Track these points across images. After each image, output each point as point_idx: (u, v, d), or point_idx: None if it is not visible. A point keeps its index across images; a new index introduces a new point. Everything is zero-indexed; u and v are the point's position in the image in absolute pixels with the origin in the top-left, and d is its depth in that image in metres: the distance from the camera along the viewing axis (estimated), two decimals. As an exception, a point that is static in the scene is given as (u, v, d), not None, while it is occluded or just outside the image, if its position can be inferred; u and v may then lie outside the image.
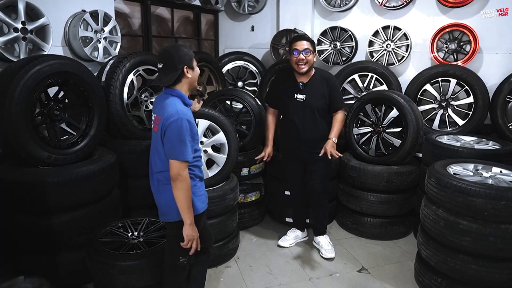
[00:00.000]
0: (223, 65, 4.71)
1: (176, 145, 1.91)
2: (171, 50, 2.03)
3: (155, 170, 2.09)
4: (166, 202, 2.07)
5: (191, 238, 2.04)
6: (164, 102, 1.99)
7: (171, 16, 4.62)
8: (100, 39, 3.35)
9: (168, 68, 1.98)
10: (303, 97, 2.96)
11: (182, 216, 2.00)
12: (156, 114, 2.02)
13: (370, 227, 3.48)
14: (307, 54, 2.88)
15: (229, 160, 3.01)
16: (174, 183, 1.94)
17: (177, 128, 1.90)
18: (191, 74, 2.04)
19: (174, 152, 1.92)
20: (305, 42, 2.89)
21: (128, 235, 2.66)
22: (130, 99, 3.23)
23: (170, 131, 1.90)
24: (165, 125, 1.91)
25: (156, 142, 2.03)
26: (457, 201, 2.34)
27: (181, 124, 1.90)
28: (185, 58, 1.99)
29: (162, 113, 1.96)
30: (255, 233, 3.61)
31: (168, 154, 1.94)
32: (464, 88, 3.76)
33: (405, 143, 3.27)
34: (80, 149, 2.79)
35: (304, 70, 2.90)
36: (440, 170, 2.55)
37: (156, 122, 2.00)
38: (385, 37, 4.23)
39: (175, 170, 1.92)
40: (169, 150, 1.93)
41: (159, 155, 2.03)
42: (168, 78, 1.99)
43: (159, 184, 2.09)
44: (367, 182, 3.34)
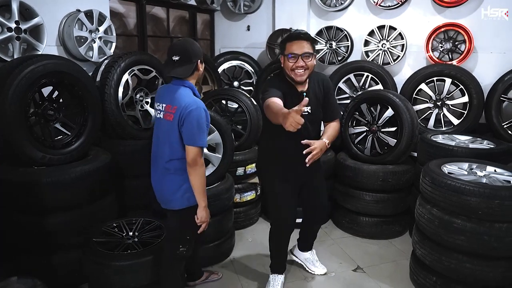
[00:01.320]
0: (219, 65, 4.71)
1: (195, 132, 2.03)
2: (187, 44, 2.14)
3: (164, 159, 2.15)
4: (172, 190, 2.16)
5: (204, 220, 2.17)
6: (177, 93, 2.09)
7: (167, 15, 4.61)
8: (95, 38, 3.34)
9: (184, 61, 2.08)
10: (308, 109, 2.34)
11: (198, 199, 2.13)
12: (169, 104, 2.10)
13: (366, 226, 3.49)
14: (308, 58, 2.22)
15: (225, 160, 3.01)
16: (191, 168, 2.06)
17: (197, 116, 2.02)
18: (201, 68, 2.18)
19: (194, 139, 2.03)
20: (305, 43, 2.22)
21: (123, 235, 2.65)
22: (125, 99, 3.22)
23: (189, 119, 2.01)
24: (184, 114, 2.02)
25: (168, 131, 2.10)
26: (451, 200, 2.34)
27: (200, 113, 2.03)
28: (199, 52, 2.13)
29: (178, 103, 2.06)
30: (251, 233, 3.61)
31: (187, 141, 2.04)
32: (459, 88, 3.77)
33: (400, 142, 3.28)
34: (74, 149, 2.78)
35: (303, 79, 2.27)
36: (435, 169, 2.56)
37: (171, 111, 2.08)
38: (381, 37, 4.24)
39: (193, 156, 2.04)
40: (188, 137, 2.04)
41: (170, 144, 2.11)
42: (186, 70, 2.10)
43: (166, 173, 2.16)
44: (362, 182, 3.35)
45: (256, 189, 3.66)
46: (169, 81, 2.24)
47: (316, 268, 2.99)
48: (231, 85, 4.81)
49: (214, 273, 2.90)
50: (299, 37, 2.24)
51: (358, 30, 4.41)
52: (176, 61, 2.09)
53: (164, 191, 2.22)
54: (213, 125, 2.99)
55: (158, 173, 2.23)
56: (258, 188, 3.68)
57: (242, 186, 3.55)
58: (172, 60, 2.09)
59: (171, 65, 2.10)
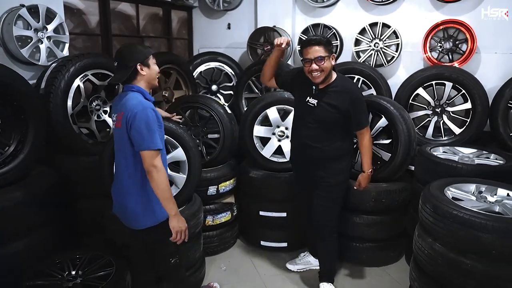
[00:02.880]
0: (195, 67, 4.25)
1: (145, 135, 1.87)
2: (123, 48, 2.05)
3: (122, 173, 2.02)
4: (134, 208, 1.99)
5: (179, 230, 1.99)
6: (125, 98, 1.96)
7: (136, 12, 4.15)
8: (42, 38, 2.87)
9: (120, 66, 1.99)
10: (315, 102, 2.51)
11: (165, 207, 1.95)
12: (118, 111, 1.97)
13: (356, 252, 3.06)
14: (321, 61, 2.38)
15: (190, 181, 2.57)
16: (149, 175, 1.89)
17: (144, 117, 1.87)
18: (146, 71, 2.01)
19: (144, 142, 1.87)
20: (317, 48, 2.37)
21: (64, 275, 2.20)
22: (76, 109, 2.79)
23: (136, 122, 1.87)
24: (130, 117, 1.88)
25: (120, 139, 1.97)
26: (458, 235, 1.93)
27: (146, 113, 1.88)
28: (138, 56, 1.99)
29: (124, 108, 1.92)
30: (225, 260, 3.17)
31: (138, 146, 1.89)
32: (461, 93, 3.35)
33: (396, 157, 2.85)
34: (10, 170, 2.35)
35: (319, 80, 2.44)
36: (437, 195, 2.14)
37: (119, 118, 1.95)
38: (373, 35, 3.81)
39: (148, 161, 1.87)
40: (138, 141, 1.88)
41: (123, 154, 1.98)
42: (120, 76, 2.00)
43: (126, 189, 2.00)
44: (352, 202, 2.91)
45: (232, 209, 3.22)
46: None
47: None
48: (209, 89, 4.36)
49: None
50: (310, 43, 2.41)
51: (348, 28, 3.98)
52: (115, 67, 2.03)
53: (127, 209, 2.03)
54: (176, 139, 2.55)
55: (118, 189, 2.07)
56: (234, 208, 3.24)
57: (215, 207, 3.12)
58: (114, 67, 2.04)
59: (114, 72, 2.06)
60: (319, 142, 2.57)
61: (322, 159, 2.59)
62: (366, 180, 2.63)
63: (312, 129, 2.57)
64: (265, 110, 3.16)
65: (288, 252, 3.20)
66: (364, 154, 2.60)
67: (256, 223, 3.25)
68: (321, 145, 2.56)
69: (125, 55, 1.99)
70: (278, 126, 3.19)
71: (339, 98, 2.47)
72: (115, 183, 2.11)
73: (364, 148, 2.59)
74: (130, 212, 2.03)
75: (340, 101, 2.47)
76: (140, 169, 1.94)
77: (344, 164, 2.61)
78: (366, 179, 2.63)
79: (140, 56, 1.98)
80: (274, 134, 3.20)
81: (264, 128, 3.21)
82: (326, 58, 2.39)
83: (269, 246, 3.24)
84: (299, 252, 3.13)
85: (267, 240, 3.23)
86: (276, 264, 3.11)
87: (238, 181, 3.29)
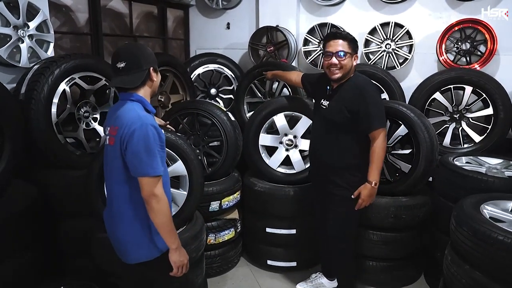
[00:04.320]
0: (193, 69, 3.97)
1: (143, 159, 1.57)
2: (134, 47, 1.76)
3: (114, 196, 1.71)
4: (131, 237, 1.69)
5: (181, 264, 1.73)
6: (121, 109, 1.65)
7: (129, 10, 3.86)
8: (23, 37, 2.58)
9: (132, 68, 1.65)
10: (327, 104, 2.37)
11: (165, 241, 1.68)
12: (112, 125, 1.68)
13: (372, 273, 2.79)
14: (342, 57, 2.24)
15: (191, 198, 2.29)
16: (148, 205, 1.61)
17: (143, 137, 1.57)
18: (156, 77, 1.75)
19: (142, 168, 1.57)
20: (341, 42, 2.26)
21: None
22: (61, 116, 2.49)
23: (134, 142, 1.56)
24: (126, 135, 1.58)
25: (113, 160, 1.67)
26: (503, 264, 1.67)
27: (146, 132, 1.57)
28: (151, 58, 1.72)
29: (120, 122, 1.62)
30: (229, 281, 2.89)
31: (134, 171, 1.59)
32: (482, 97, 3.11)
33: (417, 168, 2.59)
34: (-18, 188, 2.03)
35: (337, 77, 2.28)
36: (473, 215, 1.88)
37: (112, 133, 1.66)
38: (384, 36, 3.56)
39: (147, 189, 1.58)
40: (135, 165, 1.58)
41: (117, 178, 1.67)
42: (133, 79, 1.65)
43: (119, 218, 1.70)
44: (368, 218, 2.64)
45: (236, 226, 2.93)
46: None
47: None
48: (208, 93, 4.08)
49: None
50: (335, 36, 2.29)
51: (357, 28, 3.72)
52: (122, 68, 1.64)
53: (120, 241, 1.75)
54: (175, 151, 2.26)
55: (109, 216, 1.77)
56: (237, 225, 2.95)
57: (217, 224, 2.83)
58: (117, 68, 1.65)
59: (116, 74, 1.66)
60: (329, 149, 2.35)
61: (333, 169, 2.36)
62: (368, 193, 2.27)
63: (324, 134, 2.41)
64: (272, 117, 2.89)
65: (298, 272, 2.92)
66: (372, 161, 2.26)
67: (262, 241, 2.97)
68: (331, 152, 2.35)
69: (138, 55, 1.67)
70: (286, 134, 2.92)
71: (349, 95, 2.29)
72: (106, 209, 1.82)
73: (373, 154, 2.25)
74: (122, 244, 1.73)
75: (350, 98, 2.27)
76: (136, 197, 1.64)
77: (359, 176, 2.33)
78: (369, 191, 2.27)
79: (152, 58, 1.71)
80: (282, 143, 2.93)
81: (271, 136, 2.94)
82: (348, 55, 2.26)
83: (276, 265, 2.96)
84: (310, 272, 2.86)
85: (275, 259, 2.95)
86: (285, 285, 2.85)
87: (243, 195, 3.01)
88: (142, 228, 1.68)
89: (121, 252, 1.75)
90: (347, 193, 2.34)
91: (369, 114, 2.23)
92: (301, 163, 2.90)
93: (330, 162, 2.37)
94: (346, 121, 2.28)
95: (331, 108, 2.34)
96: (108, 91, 2.76)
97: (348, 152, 2.33)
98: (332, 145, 2.36)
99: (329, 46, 2.28)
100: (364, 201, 2.30)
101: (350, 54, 2.27)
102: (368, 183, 2.28)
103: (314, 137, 2.53)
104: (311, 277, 2.80)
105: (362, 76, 2.41)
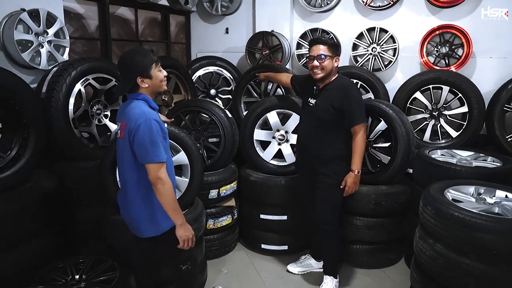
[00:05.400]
0: (194, 71, 4.27)
1: (148, 148, 1.84)
2: (125, 56, 1.96)
3: (126, 183, 1.99)
4: (139, 218, 1.99)
5: (186, 238, 1.99)
6: (129, 106, 1.93)
7: (135, 17, 4.16)
8: (43, 43, 2.88)
9: (122, 77, 1.96)
10: (314, 101, 2.66)
11: (172, 218, 1.95)
12: (122, 120, 1.96)
13: (357, 255, 3.08)
14: (322, 59, 2.53)
15: (192, 185, 2.58)
16: (155, 187, 1.88)
17: (148, 130, 1.83)
18: (148, 83, 1.94)
19: (148, 156, 1.85)
20: (321, 47, 2.54)
21: (68, 279, 2.20)
22: (77, 113, 2.78)
23: (140, 135, 1.83)
24: (133, 128, 1.84)
25: (123, 150, 1.94)
26: (459, 236, 1.95)
27: (150, 125, 1.84)
28: (137, 68, 1.90)
29: (128, 117, 1.89)
30: (227, 263, 3.17)
31: (141, 159, 1.86)
32: (458, 96, 3.40)
33: (395, 160, 2.88)
34: (10, 176, 2.33)
35: (319, 77, 2.58)
36: (438, 197, 2.17)
37: (122, 127, 1.94)
38: (371, 40, 3.87)
39: (153, 174, 1.86)
40: (142, 154, 1.86)
41: (128, 165, 1.94)
42: (121, 87, 1.97)
43: (131, 199, 1.98)
44: (352, 205, 2.94)
45: (232, 213, 3.23)
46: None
47: None
48: (208, 93, 4.38)
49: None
50: (316, 42, 2.59)
51: (346, 33, 4.03)
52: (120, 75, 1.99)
53: (132, 219, 2.03)
54: (178, 144, 2.55)
55: (123, 198, 2.06)
56: (234, 212, 3.25)
57: (216, 211, 3.12)
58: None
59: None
60: (317, 142, 2.63)
61: (320, 160, 2.64)
62: (352, 180, 2.58)
63: (311, 128, 2.67)
64: (265, 114, 3.19)
65: (289, 255, 3.21)
66: (354, 152, 2.57)
67: (257, 227, 3.26)
68: (318, 145, 2.63)
69: (125, 66, 1.91)
70: (278, 130, 3.22)
71: (334, 95, 2.57)
72: (120, 192, 2.12)
73: (356, 146, 2.56)
74: (134, 221, 2.03)
75: (335, 98, 2.55)
76: (144, 181, 1.90)
77: (343, 165, 2.63)
78: (353, 179, 2.58)
79: (139, 68, 1.88)
80: (274, 138, 3.23)
81: (264, 132, 3.24)
82: (328, 57, 2.52)
83: (270, 249, 3.26)
84: (300, 254, 3.16)
85: (268, 243, 3.25)
86: (277, 266, 3.13)
87: (239, 184, 3.30)
88: (151, 208, 1.96)
89: (135, 229, 2.04)
90: (332, 181, 2.63)
91: (352, 111, 2.53)
92: (292, 156, 3.18)
93: (317, 154, 2.65)
94: (331, 117, 2.57)
95: (318, 106, 2.62)
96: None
97: (333, 145, 2.62)
98: (318, 139, 2.64)
99: (312, 51, 2.57)
100: (350, 188, 2.60)
101: (331, 57, 2.53)
102: (352, 172, 2.58)
103: (301, 131, 2.81)
104: (301, 258, 3.10)
105: (346, 78, 2.72)
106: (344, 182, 2.60)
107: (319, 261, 2.99)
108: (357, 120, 2.55)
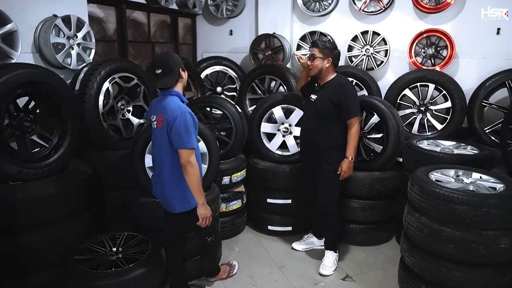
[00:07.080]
0: (202, 70, 4.62)
1: (183, 136, 2.19)
2: (165, 56, 2.40)
3: (160, 166, 2.35)
4: (171, 196, 2.35)
5: (205, 216, 2.36)
6: (164, 101, 2.28)
7: (148, 20, 4.50)
8: (73, 45, 3.21)
9: (167, 72, 2.26)
10: (315, 97, 3.02)
11: (195, 197, 2.31)
12: (158, 113, 2.29)
13: (353, 234, 3.47)
14: (313, 59, 2.94)
15: (210, 170, 2.93)
16: (185, 170, 2.23)
17: (183, 121, 2.18)
18: (184, 75, 2.35)
19: (182, 142, 2.20)
20: (314, 49, 2.96)
21: (107, 251, 2.54)
22: (106, 108, 3.12)
23: (176, 125, 2.18)
24: (171, 120, 2.19)
25: (160, 138, 2.29)
26: (440, 209, 2.33)
27: (185, 117, 2.20)
28: (178, 62, 2.32)
29: (165, 111, 2.24)
30: (238, 243, 3.54)
31: (176, 145, 2.21)
32: (442, 93, 3.80)
33: (387, 149, 3.27)
34: (53, 162, 2.66)
35: (312, 73, 3.00)
36: (423, 178, 2.55)
37: (160, 119, 2.27)
38: (364, 42, 4.25)
39: (185, 158, 2.21)
40: (177, 141, 2.20)
41: (164, 150, 2.28)
42: (169, 80, 2.28)
43: (164, 180, 2.34)
44: (349, 189, 3.32)
45: (242, 198, 3.59)
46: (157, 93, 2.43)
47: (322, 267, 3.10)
48: (214, 91, 4.73)
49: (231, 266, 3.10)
50: (311, 45, 3.05)
51: (342, 35, 4.40)
52: (159, 74, 2.26)
53: (165, 197, 2.40)
54: (199, 134, 2.90)
55: (157, 179, 2.41)
56: (244, 197, 3.61)
57: (227, 195, 3.48)
58: (156, 74, 2.27)
59: (156, 79, 2.29)
60: (318, 133, 3.00)
61: (321, 148, 3.00)
62: (347, 165, 2.94)
63: (313, 120, 3.05)
64: (271, 109, 3.55)
65: (293, 235, 3.58)
66: (349, 141, 2.94)
67: (264, 210, 3.63)
68: (320, 136, 2.99)
69: (169, 62, 2.28)
70: (282, 123, 3.59)
71: (333, 91, 2.94)
72: (154, 174, 2.48)
73: (350, 136, 2.93)
74: (167, 198, 2.39)
75: (333, 94, 2.92)
76: (177, 164, 2.27)
77: (342, 153, 2.99)
78: (347, 164, 2.94)
79: (179, 61, 2.31)
80: (279, 130, 3.60)
81: (270, 125, 3.60)
82: (318, 58, 2.93)
83: (275, 230, 3.63)
84: (303, 234, 3.53)
85: (274, 225, 3.62)
86: (283, 245, 3.50)
87: (248, 172, 3.66)
88: (181, 188, 2.34)
89: (168, 206, 2.42)
90: (332, 167, 3.00)
91: (347, 106, 2.90)
92: (295, 146, 3.56)
93: (318, 143, 3.02)
94: (330, 111, 2.94)
95: (319, 101, 2.99)
96: (138, 89, 3.40)
97: (332, 135, 2.99)
98: (319, 130, 3.00)
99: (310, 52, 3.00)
100: (345, 172, 2.97)
101: (321, 58, 2.92)
102: (346, 158, 2.96)
103: (304, 124, 3.19)
104: (304, 237, 3.48)
105: (343, 77, 3.09)
106: (340, 167, 2.97)
107: (320, 239, 3.37)
108: (352, 114, 2.92)
